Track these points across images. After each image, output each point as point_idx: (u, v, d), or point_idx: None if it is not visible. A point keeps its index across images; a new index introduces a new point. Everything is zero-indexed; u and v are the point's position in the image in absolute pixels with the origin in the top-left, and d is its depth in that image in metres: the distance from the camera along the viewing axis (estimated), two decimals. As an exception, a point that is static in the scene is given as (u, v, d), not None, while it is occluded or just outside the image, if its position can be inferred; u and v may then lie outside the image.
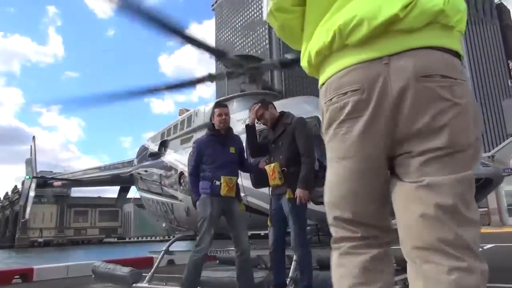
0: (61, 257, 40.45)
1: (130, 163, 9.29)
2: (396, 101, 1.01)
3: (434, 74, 1.00)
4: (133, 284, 5.15)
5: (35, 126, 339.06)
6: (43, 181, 12.74)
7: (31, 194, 12.50)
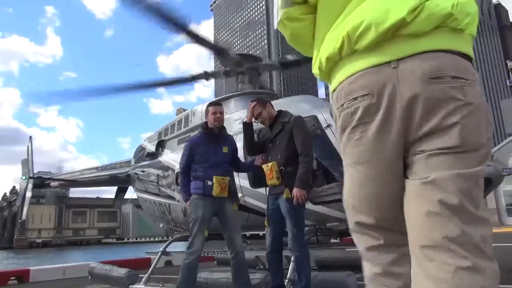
0: (60, 258, 40.39)
1: (127, 163, 9.20)
2: (407, 104, 1.00)
3: (444, 75, 1.00)
4: (130, 286, 5.12)
5: (34, 127, 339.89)
6: (40, 181, 12.65)
7: (27, 194, 12.42)
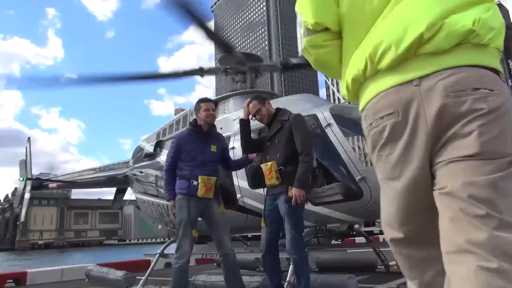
0: (61, 259, 40.42)
1: (125, 164, 9.12)
2: (431, 121, 1.03)
3: (466, 88, 1.00)
4: (127, 288, 5.03)
5: (35, 128, 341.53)
6: (39, 183, 12.57)
7: (26, 196, 12.33)
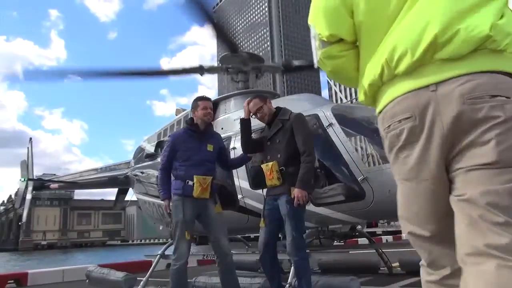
0: (65, 260, 40.53)
1: (127, 164, 9.09)
2: (447, 126, 1.05)
3: (482, 95, 1.02)
4: (127, 290, 5.00)
5: (38, 129, 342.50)
6: (40, 183, 12.56)
7: (27, 197, 12.32)
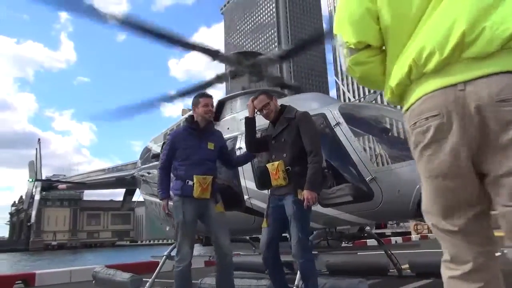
0: (75, 260, 40.89)
1: (134, 165, 9.07)
2: (475, 126, 1.06)
3: (510, 98, 1.03)
4: (133, 291, 4.98)
5: (48, 131, 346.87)
6: (48, 184, 12.64)
7: (36, 197, 12.41)
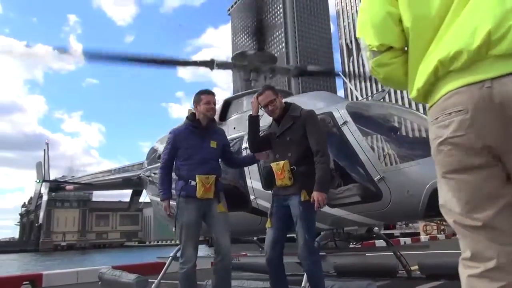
0: (84, 260, 41.27)
1: (140, 165, 9.06)
2: (500, 121, 1.06)
3: None
4: (138, 292, 4.96)
5: (58, 132, 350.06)
6: (56, 185, 12.71)
7: (44, 198, 12.48)
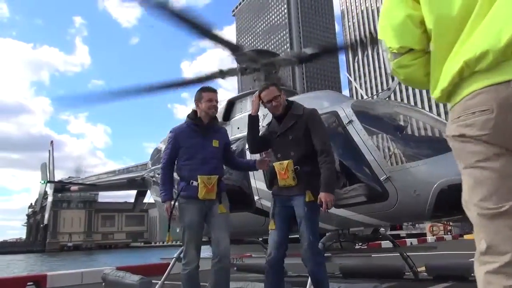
0: (89, 261, 41.46)
1: (145, 166, 9.04)
2: None
3: None
4: (141, 294, 4.93)
5: (64, 134, 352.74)
6: (61, 185, 12.74)
7: (49, 199, 12.53)
